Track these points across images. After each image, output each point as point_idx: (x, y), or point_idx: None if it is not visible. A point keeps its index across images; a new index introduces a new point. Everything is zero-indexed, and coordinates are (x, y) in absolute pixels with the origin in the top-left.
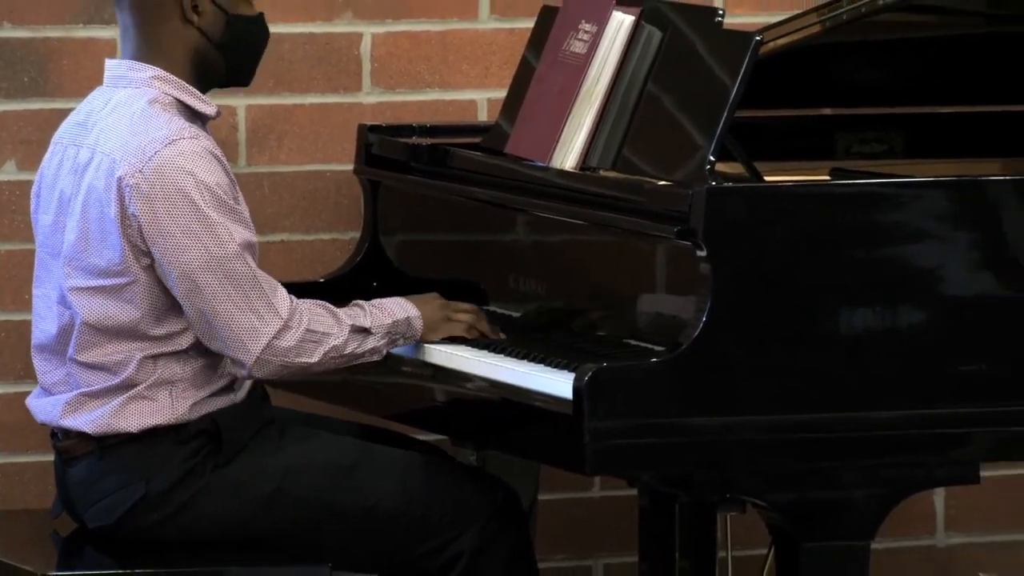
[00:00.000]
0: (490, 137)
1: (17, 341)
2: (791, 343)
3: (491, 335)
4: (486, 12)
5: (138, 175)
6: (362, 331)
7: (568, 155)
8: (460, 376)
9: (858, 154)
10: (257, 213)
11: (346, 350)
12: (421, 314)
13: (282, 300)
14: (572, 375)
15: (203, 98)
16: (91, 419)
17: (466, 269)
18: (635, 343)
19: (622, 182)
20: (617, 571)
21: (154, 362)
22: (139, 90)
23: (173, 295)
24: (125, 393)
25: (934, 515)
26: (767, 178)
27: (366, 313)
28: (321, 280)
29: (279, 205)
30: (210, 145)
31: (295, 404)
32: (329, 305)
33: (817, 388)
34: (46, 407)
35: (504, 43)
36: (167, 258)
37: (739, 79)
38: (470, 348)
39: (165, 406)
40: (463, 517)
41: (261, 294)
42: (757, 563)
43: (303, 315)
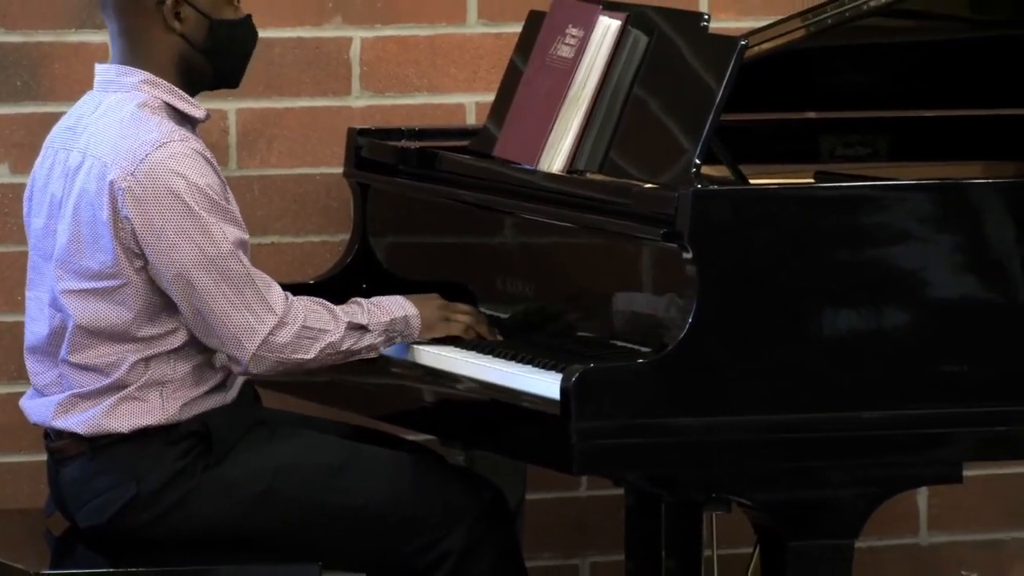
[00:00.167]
0: (478, 140)
1: (11, 343)
2: (776, 344)
3: (489, 336)
4: (474, 16)
5: (130, 178)
6: (359, 328)
7: (555, 158)
8: (449, 377)
9: (842, 157)
10: (248, 216)
11: (342, 347)
12: (419, 313)
13: (277, 297)
14: (559, 376)
15: (192, 101)
16: (83, 420)
17: (455, 271)
18: (622, 344)
19: (609, 185)
20: (604, 570)
21: (145, 363)
22: (128, 94)
23: (168, 296)
24: (116, 394)
25: (917, 514)
26: (752, 181)
27: (364, 310)
28: (311, 282)
29: (269, 208)
30: (200, 147)
31: (284, 405)
32: (326, 302)
33: (802, 389)
34: (39, 408)
35: (492, 47)
36: (161, 259)
37: (724, 83)
38: (459, 349)
39: (156, 407)
40: (451, 516)
41: (256, 291)
42: (742, 562)
43: (299, 311)
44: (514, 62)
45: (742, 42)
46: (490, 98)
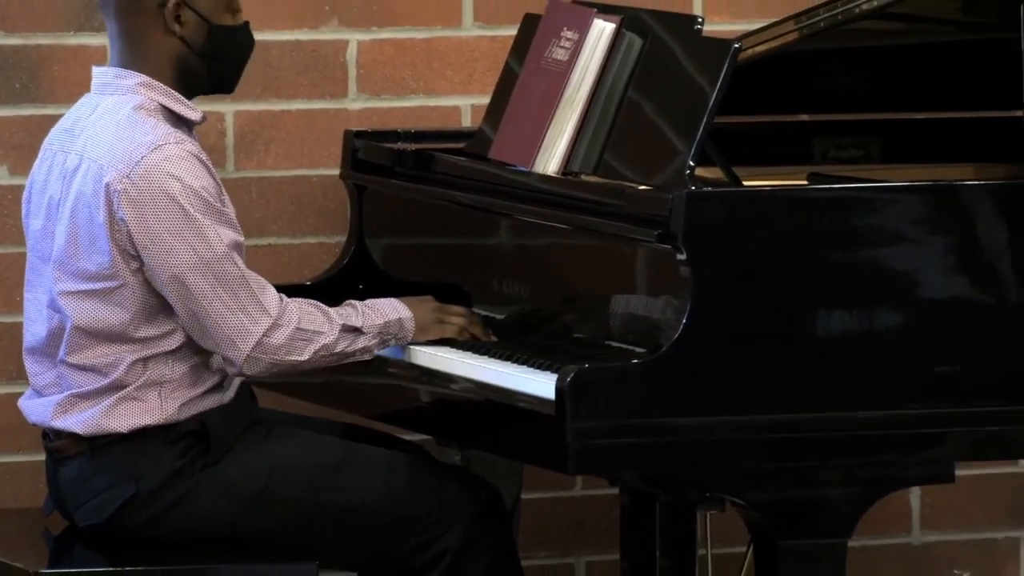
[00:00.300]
0: (474, 142)
1: (9, 343)
2: (770, 345)
3: (483, 338)
4: (470, 19)
5: (125, 180)
6: (353, 330)
7: (550, 160)
8: (445, 377)
9: (835, 159)
10: (245, 217)
11: (336, 349)
12: (413, 315)
13: (271, 299)
14: (555, 376)
15: (188, 104)
16: (82, 420)
17: (451, 272)
18: (616, 345)
19: (603, 186)
20: (599, 569)
21: (143, 364)
22: (125, 97)
23: (163, 297)
24: (115, 394)
25: (910, 513)
26: (746, 183)
27: (358, 313)
28: (308, 283)
29: (267, 209)
30: (195, 149)
31: (280, 404)
32: (320, 304)
33: (795, 389)
34: (37, 408)
35: (487, 50)
36: (156, 261)
37: (718, 85)
38: (454, 349)
39: (155, 407)
40: (447, 516)
41: (250, 293)
42: (736, 561)
43: (293, 313)
44: (509, 65)
45: (736, 45)
46: (486, 100)
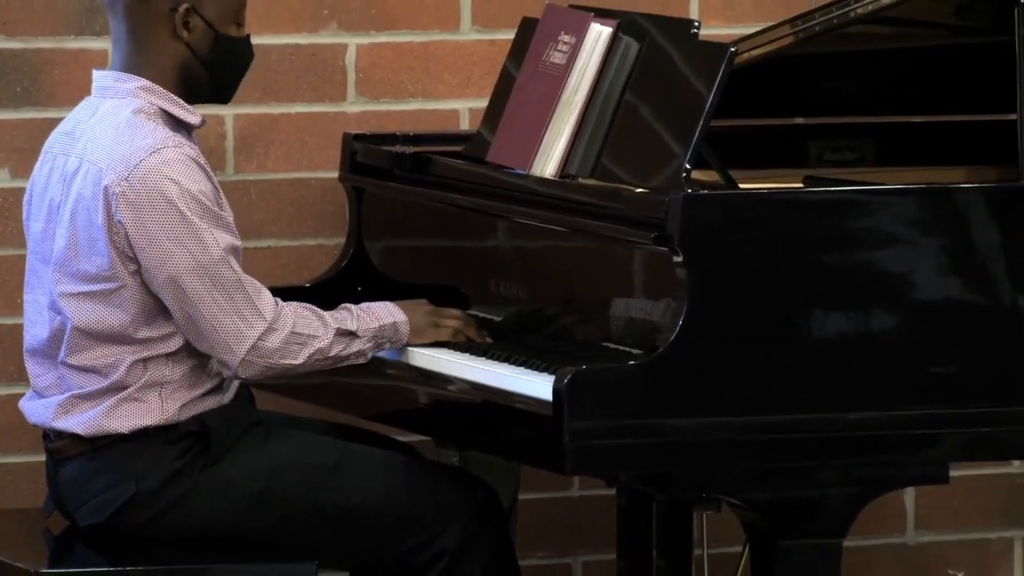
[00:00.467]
0: (472, 145)
1: (10, 345)
2: (765, 346)
3: (478, 340)
4: (468, 23)
5: (124, 183)
6: (348, 334)
7: (548, 163)
8: (442, 378)
9: (830, 162)
10: (244, 220)
11: (331, 352)
12: (408, 319)
13: (267, 303)
14: (552, 377)
15: (188, 108)
16: (83, 420)
17: (449, 274)
18: (613, 346)
19: (600, 189)
20: (596, 569)
21: (144, 365)
22: (125, 100)
23: (160, 299)
24: (116, 395)
25: (905, 514)
26: (742, 185)
27: (353, 316)
28: (307, 285)
29: (266, 212)
30: (194, 153)
31: (279, 405)
32: (315, 308)
33: (791, 390)
34: (38, 409)
35: (485, 54)
36: (153, 264)
37: (714, 89)
38: (453, 351)
39: (155, 407)
40: (445, 515)
41: (246, 297)
42: (732, 561)
43: (288, 317)
44: (507, 68)
45: (732, 49)
46: (483, 104)
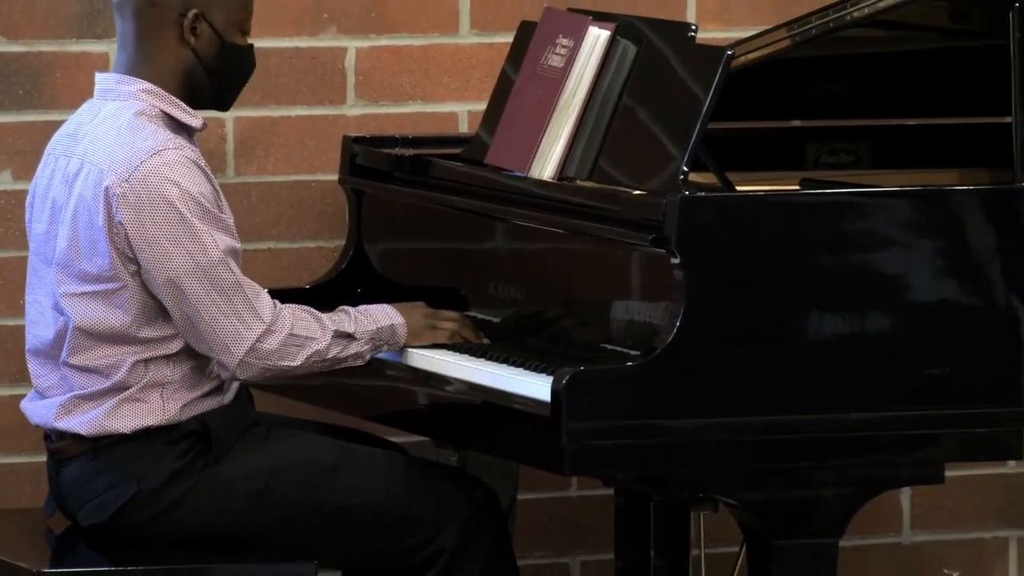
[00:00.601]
0: (470, 148)
1: (12, 346)
2: (762, 347)
3: (475, 341)
4: (466, 27)
5: (124, 184)
6: (345, 336)
7: (546, 165)
8: (442, 379)
9: (826, 164)
10: (245, 222)
11: (328, 354)
12: (405, 322)
13: (265, 305)
14: (550, 378)
15: (189, 111)
16: (85, 420)
17: (447, 275)
18: (611, 347)
19: (598, 192)
20: (594, 568)
21: (145, 365)
22: (127, 103)
23: (160, 300)
24: (118, 395)
25: (901, 513)
26: (739, 188)
27: (351, 319)
28: (307, 286)
29: (266, 214)
30: (194, 156)
31: (278, 406)
32: (313, 310)
33: (787, 391)
34: (40, 410)
35: (484, 57)
36: (153, 265)
37: (711, 92)
38: (451, 352)
39: (157, 408)
40: (445, 515)
41: (244, 299)
42: (729, 561)
43: (286, 319)
44: (505, 71)
45: (729, 52)
46: (482, 107)
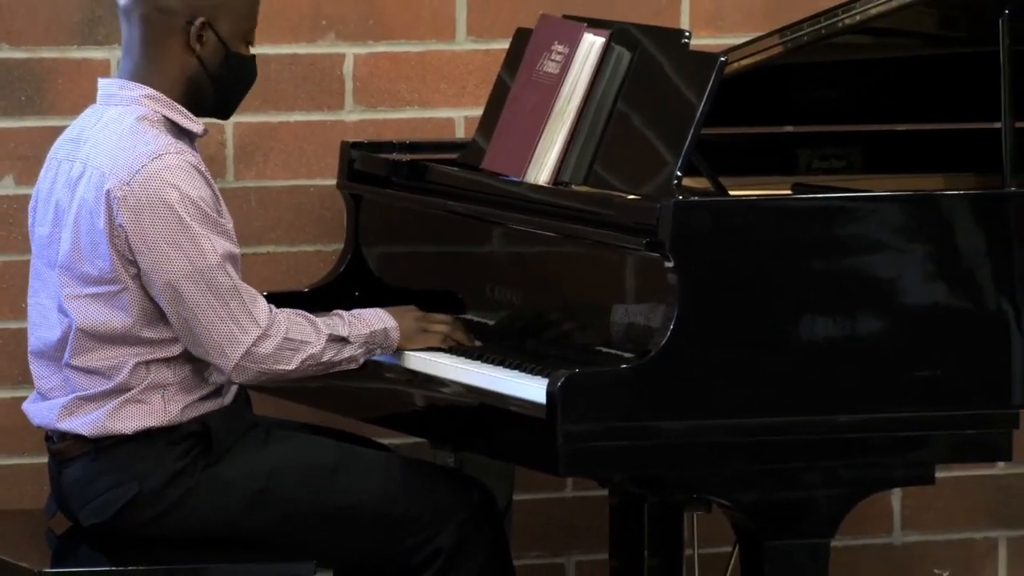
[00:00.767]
0: (467, 153)
1: (15, 348)
2: (755, 350)
3: (468, 343)
4: (463, 34)
5: (125, 188)
6: (340, 340)
7: (542, 170)
8: (438, 382)
9: (819, 169)
10: (244, 226)
11: (323, 358)
12: (398, 325)
13: (261, 309)
14: (545, 380)
15: (190, 116)
16: (87, 421)
17: (444, 279)
18: (606, 350)
19: (593, 196)
20: (589, 568)
21: (146, 367)
22: (129, 108)
23: (158, 303)
24: (119, 397)
25: (891, 514)
26: (732, 193)
27: (344, 323)
28: (305, 290)
29: (265, 218)
30: (195, 160)
31: (277, 408)
32: (308, 315)
33: (780, 393)
34: (42, 411)
35: (480, 63)
36: (151, 268)
37: (705, 98)
38: (448, 355)
39: (158, 409)
40: (442, 516)
41: (241, 304)
42: (722, 561)
43: (281, 324)
44: (502, 78)
45: (722, 58)
46: (479, 112)
